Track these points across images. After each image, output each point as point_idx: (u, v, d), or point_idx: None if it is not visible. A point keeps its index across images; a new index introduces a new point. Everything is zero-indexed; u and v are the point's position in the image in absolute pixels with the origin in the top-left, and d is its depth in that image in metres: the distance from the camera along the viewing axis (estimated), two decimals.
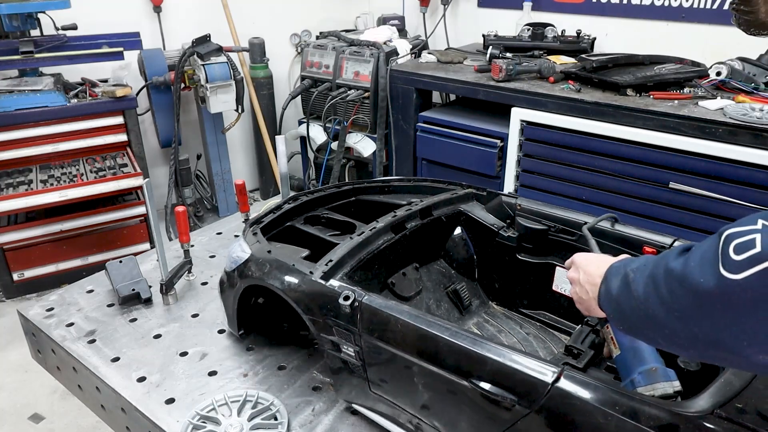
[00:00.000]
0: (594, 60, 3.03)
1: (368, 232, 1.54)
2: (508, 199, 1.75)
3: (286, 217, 1.75)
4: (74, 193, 3.28)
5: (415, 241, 1.67)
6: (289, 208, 1.77)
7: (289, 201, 1.80)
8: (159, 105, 3.93)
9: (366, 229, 1.56)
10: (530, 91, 2.97)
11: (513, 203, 1.73)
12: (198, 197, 4.47)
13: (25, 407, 2.75)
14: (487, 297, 1.79)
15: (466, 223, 1.79)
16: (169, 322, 1.76)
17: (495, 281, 1.78)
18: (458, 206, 1.80)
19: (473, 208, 1.79)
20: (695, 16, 3.20)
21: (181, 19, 4.20)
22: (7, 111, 3.26)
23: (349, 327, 1.27)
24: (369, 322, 1.24)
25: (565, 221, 1.62)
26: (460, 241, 1.78)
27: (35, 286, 3.52)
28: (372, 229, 1.55)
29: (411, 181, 1.94)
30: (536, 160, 3.04)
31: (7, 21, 3.37)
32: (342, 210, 1.83)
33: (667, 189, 2.64)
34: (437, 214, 1.75)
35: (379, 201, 1.87)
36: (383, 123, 3.72)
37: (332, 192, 1.87)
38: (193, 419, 1.35)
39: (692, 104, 2.60)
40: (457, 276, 1.78)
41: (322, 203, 1.85)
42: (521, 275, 1.70)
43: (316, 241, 1.62)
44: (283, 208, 1.76)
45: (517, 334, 1.64)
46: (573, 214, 1.63)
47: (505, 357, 1.06)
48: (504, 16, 3.97)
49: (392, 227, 1.60)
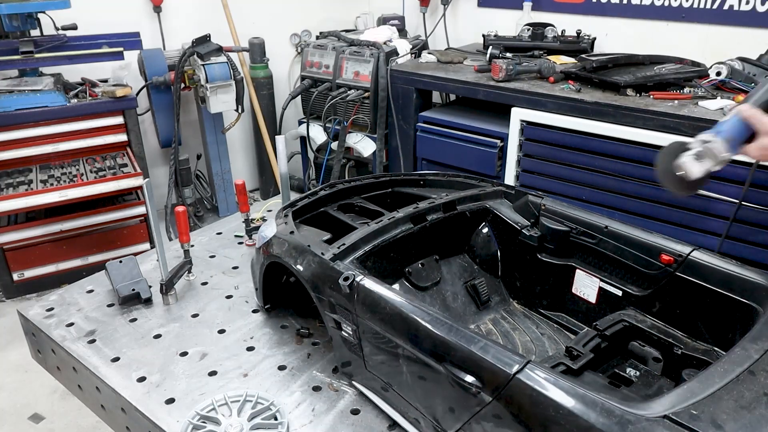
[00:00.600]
0: (594, 60, 3.03)
1: (386, 220, 1.58)
2: (534, 199, 1.74)
3: (321, 203, 1.82)
4: (74, 193, 3.28)
5: (437, 233, 1.69)
6: (324, 194, 1.83)
7: (325, 188, 1.86)
8: (159, 105, 3.93)
9: (385, 218, 1.59)
10: (530, 91, 2.97)
11: (538, 203, 1.73)
12: (198, 197, 4.47)
13: (25, 407, 2.75)
14: (509, 295, 1.79)
15: (492, 220, 1.79)
16: (169, 322, 1.76)
17: (517, 279, 1.78)
18: (485, 203, 1.80)
19: (500, 206, 1.79)
20: (695, 16, 3.20)
21: (181, 19, 4.20)
22: (7, 111, 3.26)
23: (347, 306, 1.34)
24: (363, 303, 1.31)
25: (588, 224, 1.61)
26: (485, 237, 1.79)
27: (35, 286, 3.52)
28: (391, 218, 1.59)
29: (445, 176, 1.96)
30: (536, 160, 3.04)
31: (7, 21, 3.37)
32: (377, 200, 1.87)
33: (667, 189, 2.64)
34: (462, 209, 1.75)
35: (414, 194, 1.89)
36: (383, 123, 3.72)
37: (369, 182, 1.92)
38: (193, 419, 1.35)
39: (692, 104, 2.61)
40: (480, 271, 1.78)
41: (358, 192, 1.90)
42: (542, 275, 1.70)
43: (342, 226, 1.67)
44: (318, 194, 1.82)
45: (531, 333, 1.64)
46: (596, 218, 1.62)
47: (475, 346, 1.11)
48: (504, 16, 3.96)
49: (412, 218, 1.63)
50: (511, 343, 1.59)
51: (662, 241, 1.49)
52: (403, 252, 1.61)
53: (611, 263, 1.56)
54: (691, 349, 1.29)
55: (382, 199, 1.90)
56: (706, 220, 2.52)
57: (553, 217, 1.68)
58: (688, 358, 1.28)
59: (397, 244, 1.57)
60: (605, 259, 1.57)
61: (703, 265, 1.36)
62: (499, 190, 1.85)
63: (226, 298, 1.86)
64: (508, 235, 1.75)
